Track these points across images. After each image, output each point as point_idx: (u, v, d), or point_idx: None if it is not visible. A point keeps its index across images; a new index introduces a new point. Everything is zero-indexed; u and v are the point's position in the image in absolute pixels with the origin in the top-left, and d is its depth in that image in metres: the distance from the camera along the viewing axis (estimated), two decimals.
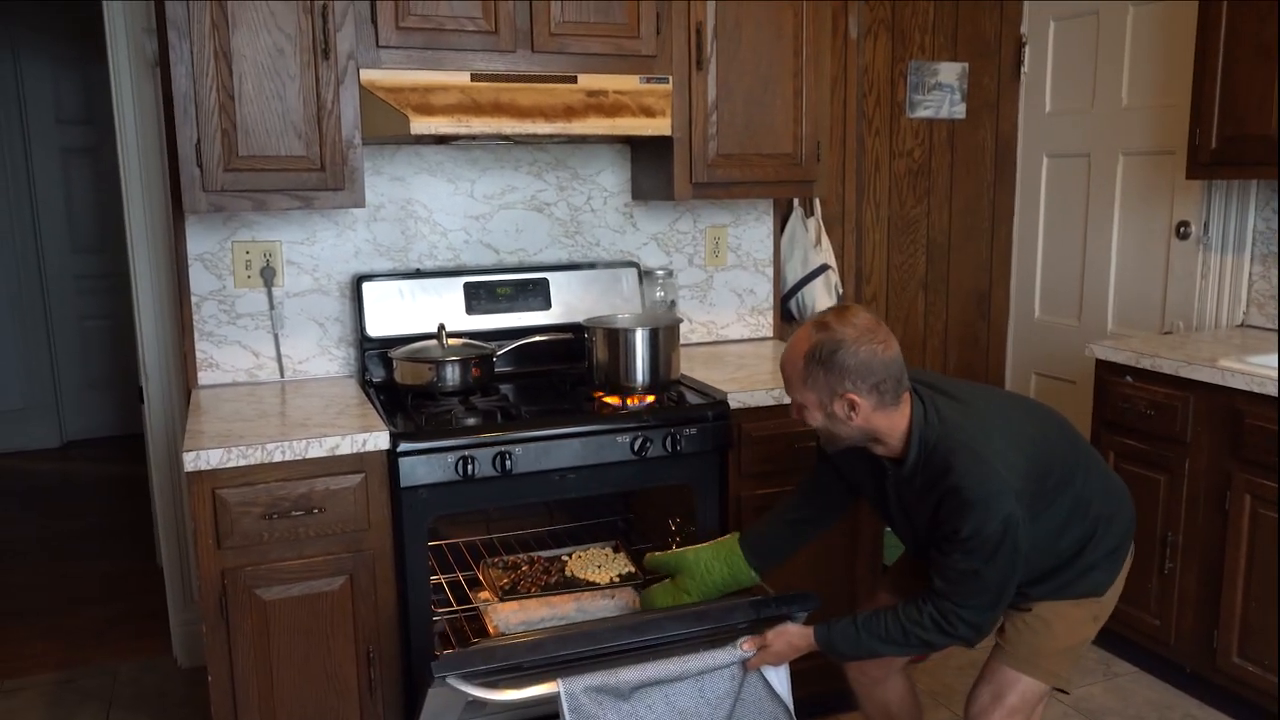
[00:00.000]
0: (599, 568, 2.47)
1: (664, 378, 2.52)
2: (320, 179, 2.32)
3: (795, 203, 3.34)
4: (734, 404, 2.44)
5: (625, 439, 2.32)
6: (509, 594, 2.36)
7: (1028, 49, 3.82)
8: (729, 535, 2.17)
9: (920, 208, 3.79)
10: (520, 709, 2.07)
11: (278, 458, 2.07)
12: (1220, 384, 2.59)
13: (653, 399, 2.48)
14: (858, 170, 3.66)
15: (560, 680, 1.85)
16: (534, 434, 2.25)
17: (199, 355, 2.62)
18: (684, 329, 2.93)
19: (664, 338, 2.52)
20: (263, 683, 2.14)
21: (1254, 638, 2.59)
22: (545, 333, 2.70)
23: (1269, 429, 2.50)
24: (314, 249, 2.68)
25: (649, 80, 2.54)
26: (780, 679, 2.00)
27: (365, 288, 2.63)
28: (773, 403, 2.46)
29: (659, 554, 2.26)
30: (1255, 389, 2.51)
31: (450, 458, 2.18)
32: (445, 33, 2.36)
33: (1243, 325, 3.20)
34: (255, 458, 2.05)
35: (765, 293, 3.21)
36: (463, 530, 2.73)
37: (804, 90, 2.74)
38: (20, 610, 3.61)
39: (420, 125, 2.25)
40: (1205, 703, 2.80)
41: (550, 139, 2.64)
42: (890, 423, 1.80)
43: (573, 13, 2.46)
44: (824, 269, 3.31)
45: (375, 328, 2.63)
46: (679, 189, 2.67)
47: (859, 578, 2.63)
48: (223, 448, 2.04)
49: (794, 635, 1.92)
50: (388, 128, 2.29)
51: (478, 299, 2.72)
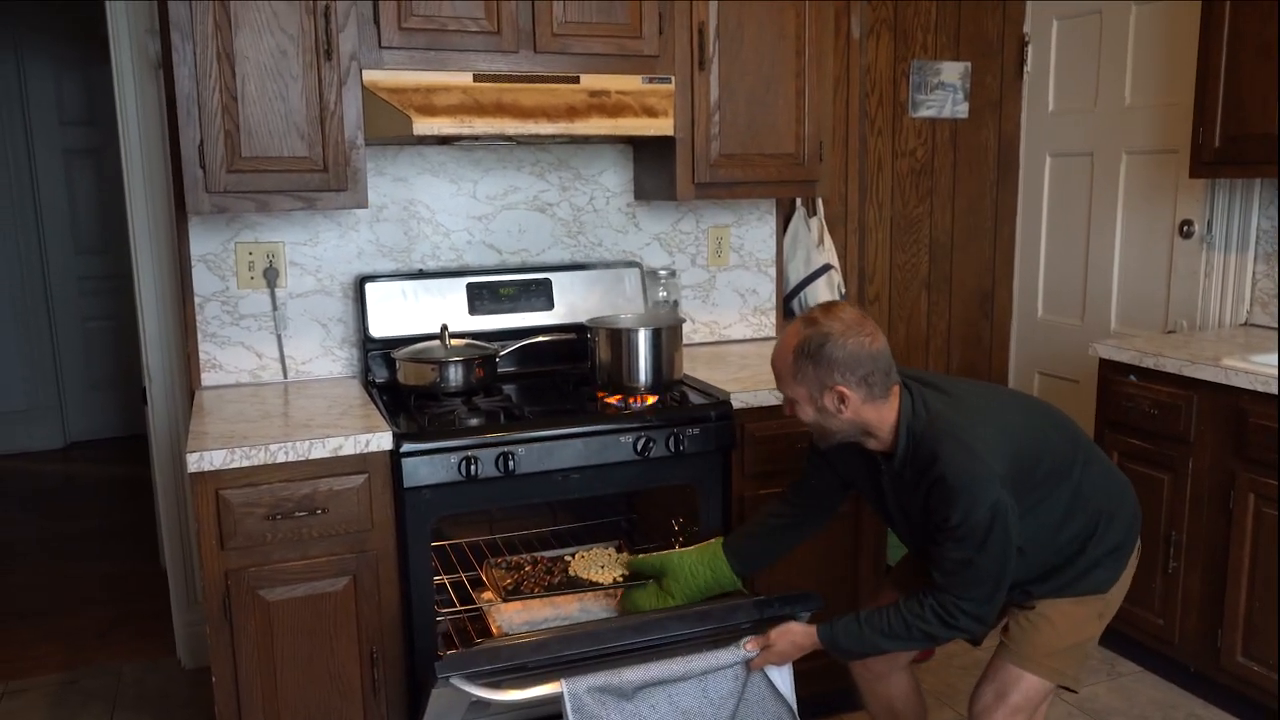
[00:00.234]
0: (602, 568, 2.46)
1: (667, 378, 2.52)
2: (323, 180, 2.33)
3: (798, 202, 3.34)
4: (737, 404, 2.44)
5: (628, 439, 2.32)
6: (512, 594, 2.36)
7: (1030, 48, 3.82)
8: (714, 540, 2.19)
9: (923, 207, 3.79)
10: (524, 709, 2.07)
11: (281, 458, 2.07)
12: (1224, 383, 2.59)
13: (655, 399, 2.48)
14: (860, 170, 3.66)
15: (564, 680, 1.85)
16: (537, 434, 2.25)
17: (202, 356, 2.62)
18: (687, 329, 2.93)
19: (667, 338, 2.52)
20: (266, 683, 2.14)
21: (1258, 637, 2.59)
22: (548, 333, 2.70)
23: (1273, 428, 2.49)
24: (317, 250, 2.69)
25: (651, 80, 2.54)
26: (784, 679, 2.00)
27: (368, 288, 2.64)
28: (775, 403, 2.46)
29: (642, 556, 2.28)
30: (1259, 388, 2.50)
31: (453, 458, 2.18)
32: (448, 33, 2.36)
33: (1246, 324, 3.19)
34: (258, 458, 2.05)
35: (768, 293, 3.21)
36: (466, 530, 2.73)
37: (806, 90, 2.74)
38: (23, 611, 3.61)
39: (423, 126, 2.25)
40: (1209, 702, 2.80)
41: (553, 139, 2.64)
42: (880, 415, 1.82)
43: (575, 13, 2.46)
44: (827, 269, 3.31)
45: (378, 328, 2.63)
46: (681, 189, 2.67)
47: (862, 578, 2.63)
48: (226, 449, 2.04)
49: (797, 634, 1.92)
50: (390, 128, 2.29)
51: (480, 299, 2.72)
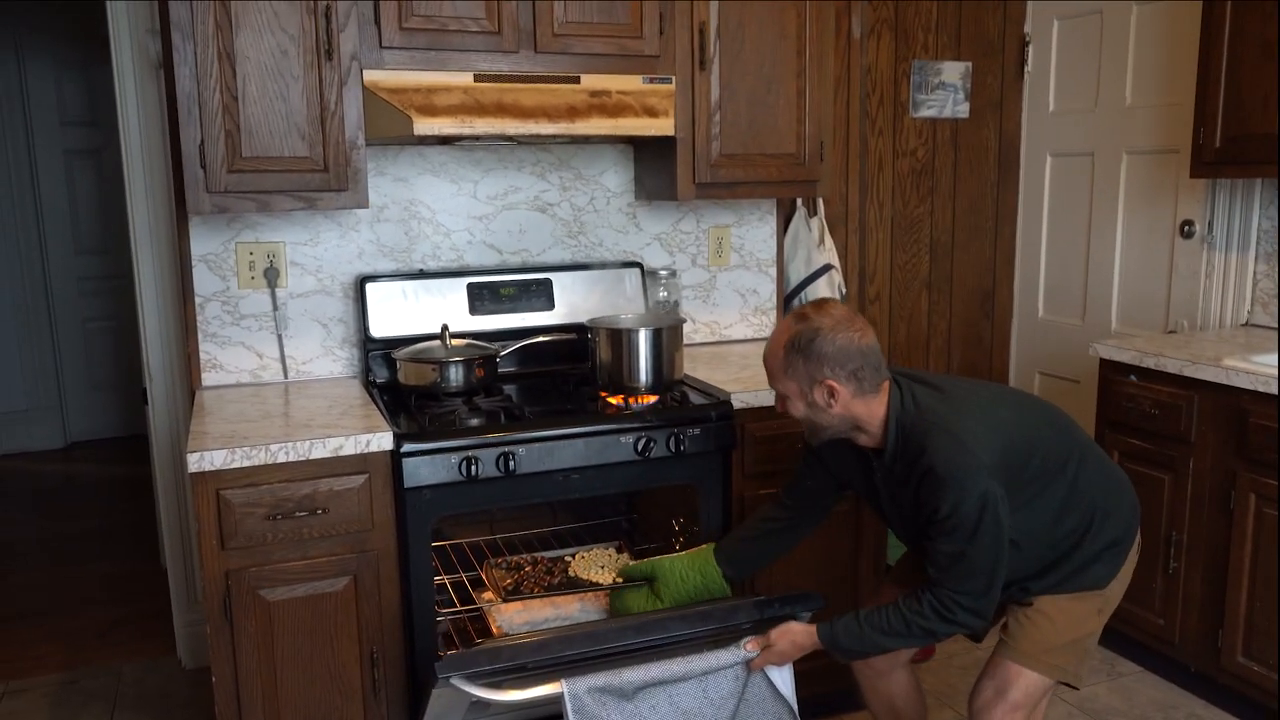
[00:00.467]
0: (602, 568, 2.47)
1: (667, 378, 2.52)
2: (324, 180, 2.33)
3: (799, 202, 3.34)
4: (737, 404, 2.44)
5: (629, 439, 2.32)
6: (512, 594, 2.36)
7: (1031, 48, 3.82)
8: (705, 545, 2.20)
9: (924, 207, 3.78)
10: (524, 709, 2.07)
11: (281, 458, 2.07)
12: (1225, 383, 2.59)
13: (656, 399, 2.48)
14: (861, 170, 3.66)
15: (564, 680, 1.85)
16: (537, 434, 2.25)
17: (202, 356, 2.62)
18: (687, 329, 2.93)
19: (667, 338, 2.52)
20: (267, 683, 2.14)
21: (1259, 637, 2.59)
22: (548, 333, 2.70)
23: (1273, 428, 2.49)
24: (317, 250, 2.69)
25: (652, 80, 2.54)
26: (784, 679, 2.01)
27: (369, 288, 2.64)
28: None
29: (634, 563, 2.29)
30: (1260, 388, 2.50)
31: (454, 458, 2.18)
32: (448, 33, 2.36)
33: (1247, 324, 3.19)
34: (259, 459, 2.05)
35: (768, 293, 3.21)
36: (466, 531, 2.74)
37: (807, 90, 2.74)
38: (24, 611, 3.61)
39: (423, 126, 2.25)
40: (1210, 702, 2.80)
41: (553, 139, 2.64)
42: (869, 410, 1.84)
43: (576, 13, 2.46)
44: (827, 269, 3.31)
45: (379, 328, 2.63)
46: (682, 189, 2.67)
47: (862, 578, 2.63)
48: (226, 449, 2.04)
49: (798, 634, 1.92)
50: (391, 128, 2.29)
51: (481, 299, 2.72)
